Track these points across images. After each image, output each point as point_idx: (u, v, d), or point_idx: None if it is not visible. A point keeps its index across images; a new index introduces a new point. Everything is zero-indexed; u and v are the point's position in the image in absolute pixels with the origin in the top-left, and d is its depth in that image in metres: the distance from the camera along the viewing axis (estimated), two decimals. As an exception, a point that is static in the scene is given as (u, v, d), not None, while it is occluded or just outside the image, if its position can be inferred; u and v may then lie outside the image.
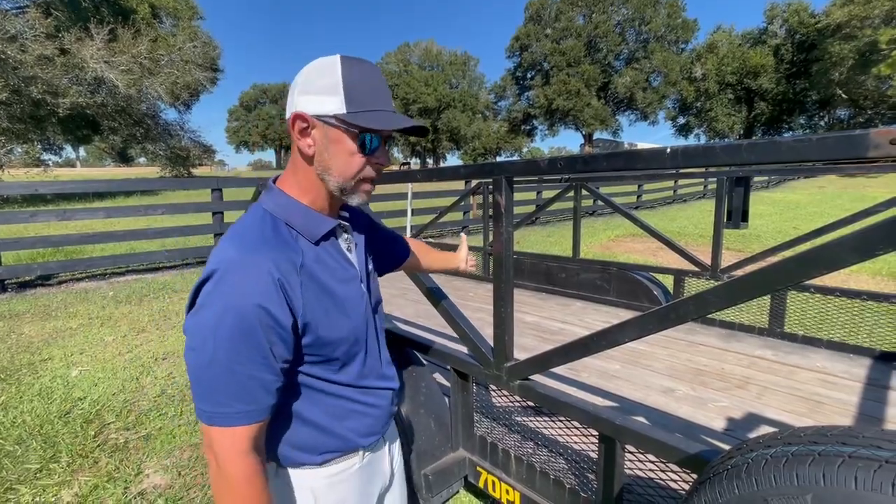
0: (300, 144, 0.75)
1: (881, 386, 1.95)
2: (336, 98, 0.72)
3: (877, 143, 0.67)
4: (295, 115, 0.74)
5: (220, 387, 0.68)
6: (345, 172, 0.76)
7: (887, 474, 0.54)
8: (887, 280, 5.65)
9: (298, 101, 0.74)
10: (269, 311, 0.68)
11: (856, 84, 35.44)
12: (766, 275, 0.79)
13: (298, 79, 0.75)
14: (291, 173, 0.80)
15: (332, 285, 0.79)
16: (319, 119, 0.73)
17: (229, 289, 0.68)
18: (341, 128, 0.74)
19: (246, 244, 0.72)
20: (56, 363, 3.42)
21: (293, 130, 0.75)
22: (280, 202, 0.78)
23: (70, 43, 15.37)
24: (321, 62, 0.75)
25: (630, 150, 1.00)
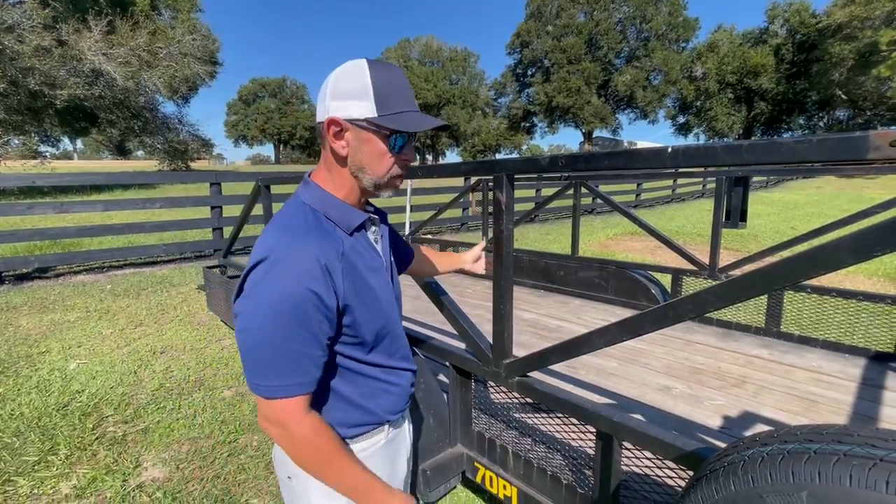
0: (335, 146, 0.81)
1: (876, 386, 1.97)
2: (367, 102, 0.79)
3: (877, 146, 0.67)
4: (329, 121, 0.79)
5: (276, 363, 0.75)
6: (378, 171, 0.84)
7: (881, 472, 0.55)
8: (883, 281, 5.68)
9: (331, 106, 0.79)
10: (319, 295, 0.75)
11: (855, 85, 35.49)
12: (764, 275, 0.79)
13: (328, 84, 0.81)
14: (325, 171, 0.86)
15: (366, 273, 0.86)
16: (352, 123, 0.79)
17: (282, 274, 0.74)
18: (372, 130, 0.80)
19: (293, 233, 0.78)
20: (54, 356, 3.41)
21: (328, 134, 0.81)
22: (318, 196, 0.85)
23: (68, 34, 15.25)
24: (350, 67, 0.80)
25: (631, 149, 1.00)
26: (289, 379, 0.76)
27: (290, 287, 0.73)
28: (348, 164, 0.83)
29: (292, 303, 0.73)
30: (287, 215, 0.84)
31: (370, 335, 0.87)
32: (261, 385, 0.77)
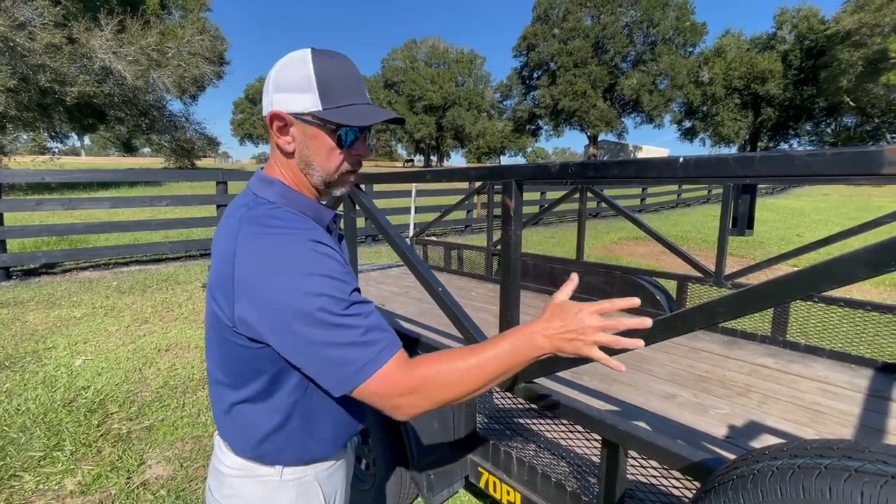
0: (279, 142, 0.77)
1: (882, 397, 1.95)
2: (310, 95, 0.73)
3: (891, 161, 0.67)
4: (272, 115, 0.74)
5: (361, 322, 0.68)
6: (327, 168, 0.79)
7: (893, 490, 0.55)
8: (890, 290, 5.64)
9: (274, 99, 0.74)
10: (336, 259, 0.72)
11: (864, 92, 35.30)
12: (777, 286, 0.79)
13: (271, 76, 0.75)
14: (278, 168, 0.80)
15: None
16: (296, 117, 0.74)
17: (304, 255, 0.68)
18: (317, 124, 0.75)
19: (286, 225, 0.72)
20: (60, 352, 3.44)
21: (271, 129, 0.76)
22: (287, 194, 0.79)
23: (79, 32, 15.40)
24: (292, 57, 0.75)
25: (643, 158, 1.00)
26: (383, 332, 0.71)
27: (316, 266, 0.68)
28: (296, 160, 0.78)
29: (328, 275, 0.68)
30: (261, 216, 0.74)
31: None
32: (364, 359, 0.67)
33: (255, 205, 0.77)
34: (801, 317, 2.52)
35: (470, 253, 4.42)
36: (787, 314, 2.50)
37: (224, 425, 0.84)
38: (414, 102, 56.11)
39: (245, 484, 0.83)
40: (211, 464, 0.91)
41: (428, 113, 56.48)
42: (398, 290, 3.83)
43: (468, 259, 4.44)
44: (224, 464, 0.85)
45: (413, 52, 59.50)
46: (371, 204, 1.91)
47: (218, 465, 0.86)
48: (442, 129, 58.40)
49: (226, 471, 0.84)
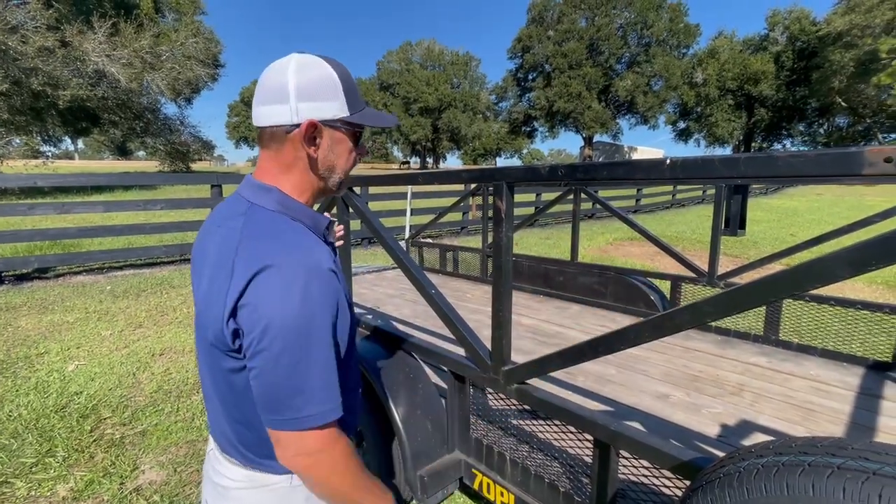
0: (309, 150, 0.76)
1: (874, 395, 1.97)
2: (338, 101, 0.76)
3: (871, 161, 0.68)
4: (309, 125, 0.73)
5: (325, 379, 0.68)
6: (345, 169, 0.83)
7: (874, 486, 0.56)
8: (882, 289, 5.69)
9: (300, 107, 0.73)
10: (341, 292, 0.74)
11: (855, 92, 35.66)
12: (761, 286, 0.80)
13: (289, 83, 0.72)
14: (279, 173, 0.78)
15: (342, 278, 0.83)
16: (327, 124, 0.76)
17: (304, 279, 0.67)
18: (343, 129, 0.78)
19: (288, 240, 0.71)
20: (53, 357, 3.42)
21: (302, 138, 0.74)
22: (286, 202, 0.78)
23: (72, 35, 15.33)
24: (310, 64, 0.74)
25: (630, 160, 1.01)
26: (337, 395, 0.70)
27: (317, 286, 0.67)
28: (318, 166, 0.78)
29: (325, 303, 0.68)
30: (263, 226, 0.73)
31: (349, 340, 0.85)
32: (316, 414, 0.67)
33: (253, 213, 0.75)
34: (794, 316, 2.54)
35: (465, 255, 4.42)
36: (780, 313, 2.52)
37: (226, 441, 0.83)
38: (410, 104, 56.16)
39: (252, 495, 0.82)
40: (207, 477, 0.88)
41: (424, 115, 56.55)
42: (394, 292, 3.83)
43: (464, 261, 4.45)
44: (226, 476, 0.83)
45: (408, 54, 59.59)
46: (365, 207, 1.91)
47: (218, 479, 0.84)
48: (438, 131, 58.48)
49: (229, 483, 0.82)
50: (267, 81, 0.74)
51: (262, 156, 0.80)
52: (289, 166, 0.78)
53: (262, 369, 0.67)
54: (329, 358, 0.69)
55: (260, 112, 0.75)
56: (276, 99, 0.73)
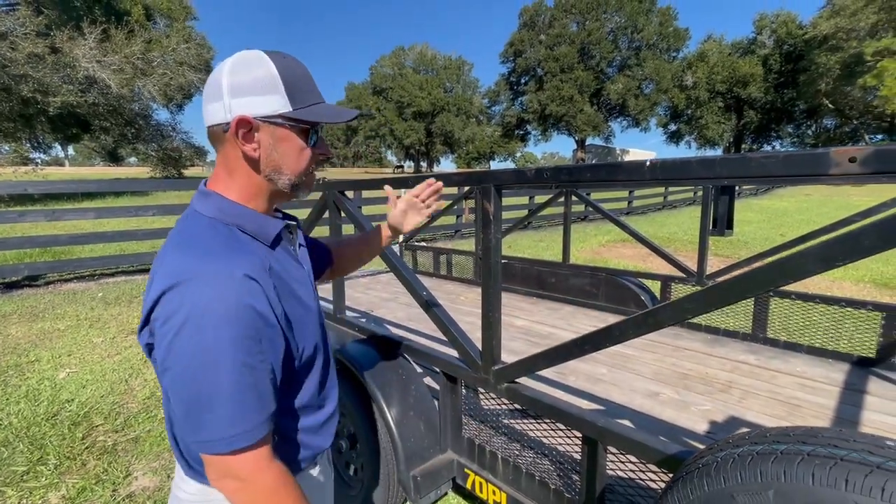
0: (245, 149, 0.71)
1: (858, 390, 2.01)
2: (277, 96, 0.70)
3: (837, 162, 0.71)
4: (239, 120, 0.69)
5: (229, 404, 0.63)
6: (296, 170, 0.76)
7: (841, 471, 0.58)
8: (869, 286, 5.78)
9: (233, 104, 0.69)
10: (258, 310, 0.65)
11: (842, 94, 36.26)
12: (740, 283, 0.83)
13: (223, 79, 0.69)
14: (226, 177, 0.75)
15: (294, 287, 0.77)
16: (265, 120, 0.71)
17: (208, 295, 0.62)
18: (287, 126, 0.72)
19: (206, 252, 0.67)
20: (43, 365, 3.39)
21: (235, 136, 0.70)
22: (225, 207, 0.73)
23: (62, 42, 15.24)
24: (244, 59, 0.71)
25: (612, 162, 1.04)
26: (251, 418, 0.64)
27: (223, 306, 0.62)
28: (261, 166, 0.73)
29: (231, 322, 0.62)
30: (187, 233, 0.70)
31: (307, 355, 0.79)
32: (221, 439, 0.63)
33: (187, 220, 0.73)
34: (783, 314, 2.58)
35: (459, 258, 4.45)
36: (767, 312, 2.57)
37: (178, 452, 0.78)
38: (403, 109, 56.29)
39: None
40: (172, 485, 0.86)
41: (417, 119, 56.69)
42: (388, 295, 3.84)
43: (457, 264, 4.47)
44: (183, 489, 0.79)
45: (401, 58, 59.78)
46: (356, 210, 1.93)
47: (176, 491, 0.81)
48: (431, 134, 58.63)
49: (184, 497, 0.79)
50: (209, 80, 0.72)
51: (216, 159, 0.77)
52: (232, 169, 0.74)
53: (170, 388, 0.65)
54: (237, 381, 0.63)
55: (204, 112, 0.73)
56: (213, 97, 0.71)
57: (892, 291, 5.53)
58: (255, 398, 0.65)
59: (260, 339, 0.65)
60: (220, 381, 0.62)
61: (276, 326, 0.69)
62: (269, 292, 0.68)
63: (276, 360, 0.69)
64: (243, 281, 0.65)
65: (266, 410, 0.67)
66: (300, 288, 0.79)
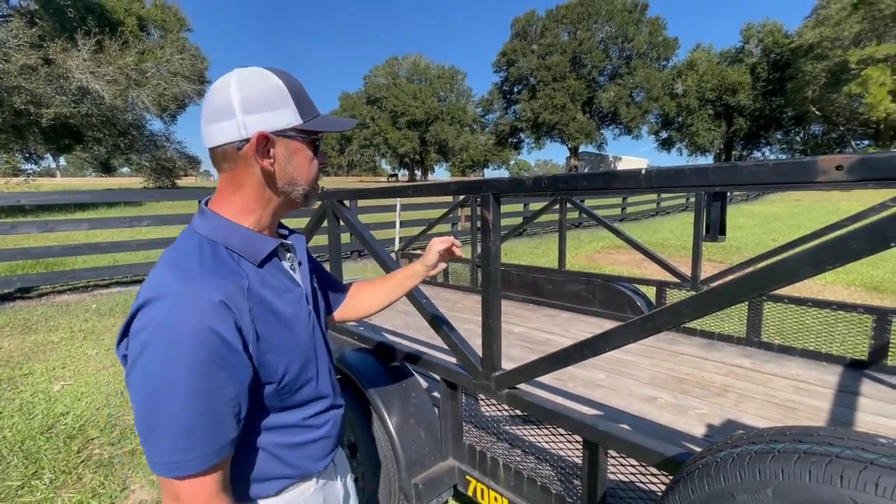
0: (263, 164, 0.72)
1: (851, 392, 2.04)
2: (289, 110, 0.73)
3: (824, 170, 0.74)
4: (259, 136, 0.70)
5: (177, 429, 0.62)
6: (308, 179, 0.79)
7: (836, 468, 0.60)
8: (860, 290, 5.86)
9: (247, 121, 0.70)
10: (222, 336, 0.64)
11: (828, 101, 36.93)
12: (733, 287, 0.85)
13: (232, 98, 0.70)
14: (231, 195, 0.75)
15: (280, 308, 0.76)
16: (279, 134, 0.73)
17: (175, 313, 0.62)
18: (299, 138, 0.75)
19: (186, 271, 0.67)
20: (37, 378, 3.35)
21: (255, 153, 0.71)
22: (216, 225, 0.74)
23: (55, 53, 15.23)
24: (252, 76, 0.72)
25: (608, 171, 1.07)
26: (194, 449, 0.63)
27: (187, 328, 0.61)
28: (277, 180, 0.75)
29: (191, 346, 0.61)
30: (177, 250, 0.72)
31: (290, 377, 0.76)
32: (162, 463, 0.62)
33: (180, 238, 0.75)
34: (777, 318, 2.62)
35: (455, 265, 4.47)
36: (761, 316, 2.60)
37: None
38: (397, 118, 56.58)
39: None
40: None
41: (411, 128, 56.98)
42: (384, 304, 3.85)
43: (454, 271, 4.49)
44: None
45: (395, 68, 60.22)
46: (355, 219, 1.95)
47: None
48: (425, 143, 58.92)
49: None
50: (211, 99, 0.72)
51: (219, 179, 0.77)
52: (240, 185, 0.74)
53: (131, 398, 0.65)
54: (188, 406, 0.62)
55: (208, 132, 0.72)
56: (222, 116, 0.70)
57: (883, 294, 5.61)
58: (205, 425, 0.64)
59: (219, 365, 0.64)
60: (170, 404, 0.62)
61: (241, 353, 0.67)
62: (240, 317, 0.67)
63: (239, 387, 0.67)
64: (212, 305, 0.64)
65: (217, 440, 0.65)
66: (287, 308, 0.77)
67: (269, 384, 0.73)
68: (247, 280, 0.71)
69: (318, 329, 0.87)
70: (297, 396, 0.79)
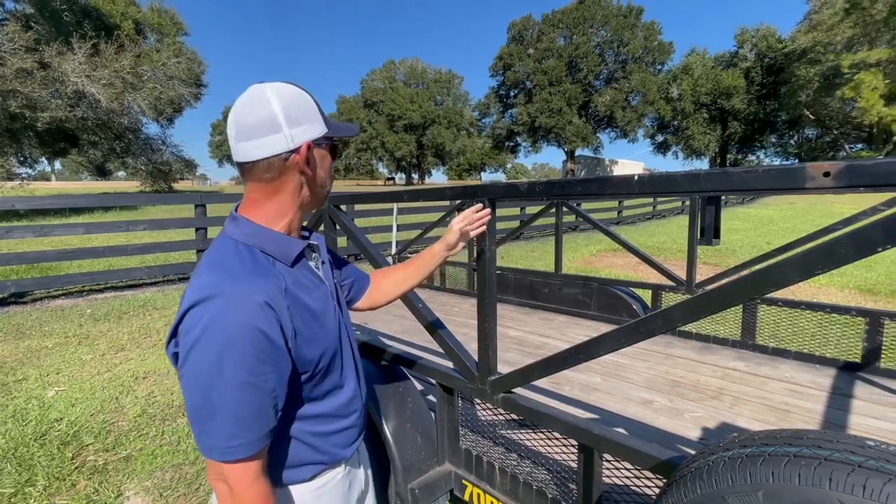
0: (306, 171, 0.80)
1: (844, 395, 2.06)
2: (320, 121, 0.82)
3: (812, 176, 0.76)
4: (307, 146, 0.79)
5: (229, 418, 0.68)
6: (329, 182, 0.89)
7: (825, 470, 0.61)
8: (854, 292, 5.90)
9: (293, 133, 0.77)
10: (267, 334, 0.70)
11: (822, 105, 37.26)
12: (727, 291, 0.86)
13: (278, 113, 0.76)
14: (266, 201, 0.81)
15: (312, 304, 0.82)
16: (316, 144, 0.82)
17: (224, 313, 0.68)
18: (325, 145, 0.85)
19: (230, 274, 0.73)
20: (31, 383, 3.33)
21: (304, 162, 0.79)
22: (249, 231, 0.79)
23: (51, 57, 15.20)
24: (288, 92, 0.79)
25: (602, 176, 1.08)
26: (243, 436, 0.69)
27: (236, 326, 0.67)
28: (314, 185, 0.84)
29: (240, 346, 0.67)
30: (218, 254, 0.77)
31: (322, 369, 0.83)
32: (218, 447, 0.69)
33: (216, 243, 0.80)
34: (771, 321, 2.63)
35: (452, 269, 4.47)
36: (756, 319, 2.62)
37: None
38: (394, 121, 56.69)
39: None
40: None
41: (408, 132, 57.09)
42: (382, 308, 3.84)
43: (451, 275, 4.49)
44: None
45: (392, 72, 60.39)
46: (351, 223, 1.96)
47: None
48: (422, 147, 59.02)
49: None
50: (247, 116, 0.76)
51: (249, 188, 0.81)
52: (276, 191, 0.80)
53: (183, 393, 0.71)
54: (239, 397, 0.68)
55: (249, 147, 0.76)
56: (266, 130, 0.75)
57: (876, 297, 5.65)
58: (253, 415, 0.70)
59: (265, 360, 0.70)
60: (223, 394, 0.68)
61: (283, 349, 0.73)
62: (282, 315, 0.73)
63: (279, 381, 0.74)
64: (258, 305, 0.70)
65: (262, 428, 0.72)
66: (317, 304, 0.83)
67: (304, 374, 0.80)
68: (283, 280, 0.77)
69: (343, 322, 0.93)
70: (326, 385, 0.86)
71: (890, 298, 5.50)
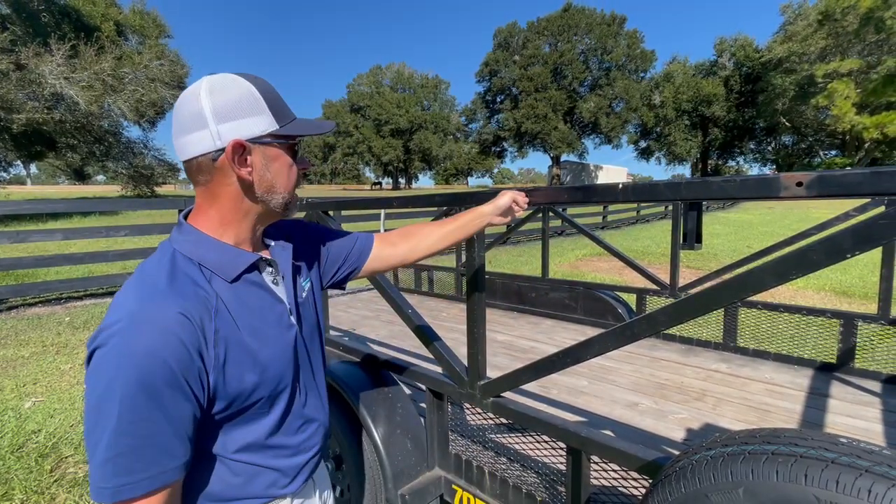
0: (240, 173, 0.70)
1: (821, 394, 2.13)
2: (264, 116, 0.71)
3: (786, 185, 0.79)
4: (235, 145, 0.68)
5: (121, 453, 0.60)
6: (288, 186, 0.76)
7: (801, 467, 0.64)
8: (830, 295, 6.08)
9: (220, 130, 0.68)
10: (171, 366, 0.61)
11: (797, 113, 38.45)
12: (705, 297, 0.89)
13: (204, 107, 0.67)
14: (208, 207, 0.73)
15: (255, 326, 0.73)
16: (256, 141, 0.71)
17: (124, 343, 0.60)
18: (277, 144, 0.73)
19: (150, 291, 0.65)
20: (7, 394, 3.23)
21: (231, 162, 0.69)
22: (191, 239, 0.72)
23: (27, 58, 14.82)
24: (222, 83, 0.69)
25: (588, 185, 1.11)
26: (136, 473, 0.61)
27: (138, 354, 0.60)
28: (255, 189, 0.72)
29: (137, 373, 0.59)
30: (147, 265, 0.70)
31: (260, 398, 0.74)
32: (103, 488, 0.60)
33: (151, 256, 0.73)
34: (752, 323, 2.71)
35: (440, 274, 4.49)
36: (737, 321, 2.69)
37: None
38: (381, 126, 56.67)
39: None
40: None
41: (395, 136, 57.12)
42: (370, 313, 3.83)
43: (439, 280, 4.50)
44: None
45: (378, 77, 60.43)
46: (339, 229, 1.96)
47: None
48: (409, 152, 59.08)
49: None
50: (181, 110, 0.69)
51: (195, 192, 0.74)
52: (217, 197, 0.72)
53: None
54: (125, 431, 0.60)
55: (180, 144, 0.69)
56: (194, 126, 0.68)
57: (850, 299, 5.84)
58: (148, 450, 0.62)
59: (163, 392, 0.61)
60: (108, 428, 0.60)
61: (194, 378, 0.64)
62: (202, 341, 0.65)
63: (188, 412, 0.65)
64: (166, 331, 0.62)
65: (158, 464, 0.63)
66: (262, 326, 0.75)
67: (234, 404, 0.71)
68: (215, 300, 0.69)
69: (302, 343, 0.84)
70: (269, 417, 0.77)
71: (863, 301, 5.69)
